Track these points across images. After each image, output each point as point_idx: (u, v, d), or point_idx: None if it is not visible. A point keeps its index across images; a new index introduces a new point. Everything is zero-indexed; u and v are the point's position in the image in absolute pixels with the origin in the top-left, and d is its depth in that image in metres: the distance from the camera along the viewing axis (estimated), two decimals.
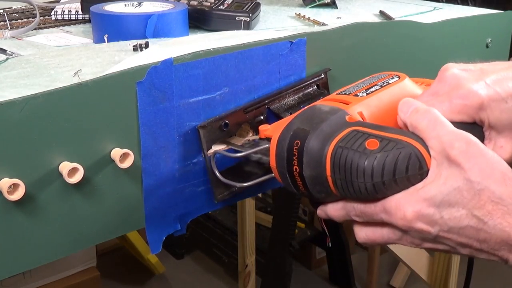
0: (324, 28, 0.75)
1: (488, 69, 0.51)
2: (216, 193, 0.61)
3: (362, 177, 0.45)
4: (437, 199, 0.44)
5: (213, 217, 2.10)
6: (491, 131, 0.49)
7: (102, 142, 0.54)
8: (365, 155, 0.45)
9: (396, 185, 0.45)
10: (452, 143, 0.45)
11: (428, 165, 0.46)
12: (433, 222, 0.45)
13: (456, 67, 0.52)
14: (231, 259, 1.98)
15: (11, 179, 0.48)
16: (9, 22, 0.85)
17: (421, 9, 0.99)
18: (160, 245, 0.61)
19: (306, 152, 0.48)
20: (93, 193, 0.54)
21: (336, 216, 0.51)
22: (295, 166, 0.49)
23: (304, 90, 0.68)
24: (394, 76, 0.57)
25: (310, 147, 0.48)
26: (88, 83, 0.52)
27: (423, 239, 0.47)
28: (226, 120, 0.61)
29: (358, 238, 0.51)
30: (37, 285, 1.62)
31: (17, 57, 0.67)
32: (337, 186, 0.47)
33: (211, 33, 0.75)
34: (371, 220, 0.48)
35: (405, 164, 0.45)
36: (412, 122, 0.48)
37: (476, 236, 0.44)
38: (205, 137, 0.59)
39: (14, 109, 0.48)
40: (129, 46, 0.66)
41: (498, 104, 0.48)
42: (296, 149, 0.49)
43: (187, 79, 0.58)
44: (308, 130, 0.49)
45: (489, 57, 0.97)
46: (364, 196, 0.47)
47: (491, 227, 0.43)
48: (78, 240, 0.55)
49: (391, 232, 0.48)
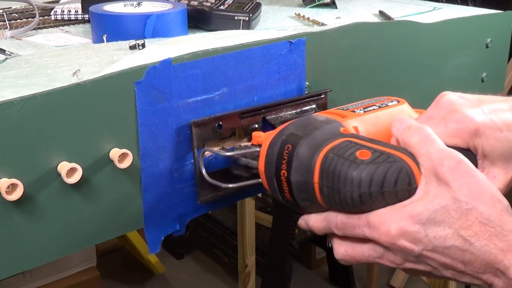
0: (323, 28, 0.75)
1: (485, 99, 0.50)
2: (200, 194, 0.60)
3: (349, 186, 0.45)
4: (423, 216, 0.43)
5: (213, 217, 2.10)
6: (484, 160, 0.48)
7: (101, 142, 0.54)
8: (355, 164, 0.45)
9: (383, 199, 0.45)
10: (441, 161, 0.44)
11: (418, 182, 0.45)
12: (417, 240, 0.44)
13: (453, 94, 0.51)
14: (231, 259, 1.98)
15: (9, 179, 0.48)
16: (9, 22, 0.85)
17: (420, 9, 0.99)
18: (158, 245, 0.61)
19: (296, 156, 0.48)
20: (92, 193, 0.54)
21: (317, 227, 0.50)
22: (283, 170, 0.49)
23: (302, 106, 0.67)
24: (393, 100, 0.57)
25: (300, 152, 0.48)
26: (87, 83, 0.52)
27: (405, 258, 0.46)
28: (221, 121, 0.60)
29: (337, 254, 0.50)
30: (37, 285, 1.62)
31: (16, 57, 0.67)
32: (323, 194, 0.47)
33: (210, 32, 0.75)
34: (352, 234, 0.47)
35: (395, 178, 0.44)
36: (404, 138, 0.48)
37: (461, 257, 0.43)
38: (197, 134, 0.58)
39: (13, 109, 0.48)
40: (128, 46, 0.66)
41: (493, 133, 0.48)
42: (286, 153, 0.49)
43: (186, 79, 0.58)
44: (301, 136, 0.49)
45: (489, 57, 0.97)
46: (349, 207, 0.46)
47: (477, 249, 0.42)
48: (77, 240, 0.55)
49: (372, 249, 0.47)
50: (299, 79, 0.68)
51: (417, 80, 0.87)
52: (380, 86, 0.82)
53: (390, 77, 0.83)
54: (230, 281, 2.00)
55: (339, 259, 0.50)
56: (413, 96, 0.88)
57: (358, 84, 0.78)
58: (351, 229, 0.47)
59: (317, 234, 0.51)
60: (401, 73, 0.84)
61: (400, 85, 0.85)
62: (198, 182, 0.59)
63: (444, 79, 0.91)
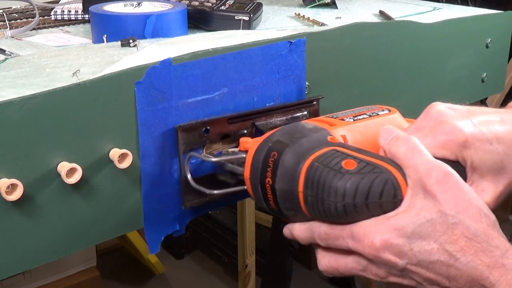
0: (323, 28, 0.75)
1: (476, 110, 0.49)
2: (185, 199, 0.59)
3: (333, 196, 0.44)
4: (408, 229, 0.43)
5: (213, 217, 2.10)
6: (473, 173, 0.47)
7: (101, 143, 0.54)
8: (340, 174, 0.44)
9: (367, 210, 0.44)
10: (429, 173, 0.44)
11: (403, 195, 0.44)
12: (402, 253, 0.43)
13: (443, 105, 0.50)
14: (231, 259, 1.98)
15: (9, 179, 0.48)
16: (9, 22, 0.85)
17: (421, 9, 0.99)
18: (158, 245, 0.61)
19: (281, 164, 0.47)
20: (92, 194, 0.54)
21: (300, 237, 0.49)
22: (268, 178, 0.48)
23: (293, 113, 0.66)
24: (384, 109, 0.57)
25: (286, 160, 0.47)
26: (87, 83, 0.52)
27: (389, 272, 0.45)
28: (208, 126, 0.59)
29: (320, 265, 0.49)
30: (37, 285, 1.62)
31: (16, 57, 0.67)
32: (307, 203, 0.46)
33: (210, 32, 0.75)
34: (335, 245, 0.46)
35: (380, 189, 0.44)
36: (390, 149, 0.47)
37: (446, 273, 0.42)
38: (183, 138, 0.57)
39: (13, 109, 0.48)
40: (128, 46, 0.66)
41: (482, 144, 0.47)
42: (272, 161, 0.48)
43: (186, 79, 0.58)
44: (287, 144, 0.48)
45: (489, 57, 0.97)
46: (333, 218, 0.45)
47: (462, 264, 0.42)
48: (77, 240, 0.55)
49: (356, 261, 0.46)
50: (299, 79, 0.68)
51: (417, 80, 0.87)
52: (380, 86, 0.82)
53: (390, 77, 0.83)
54: (230, 281, 2.00)
55: (322, 270, 0.49)
56: (413, 96, 0.88)
57: (358, 84, 0.78)
58: (334, 240, 0.46)
59: (301, 243, 0.50)
60: (401, 73, 0.84)
61: (400, 85, 0.85)
62: (183, 187, 0.58)
63: (444, 79, 0.91)
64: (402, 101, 0.87)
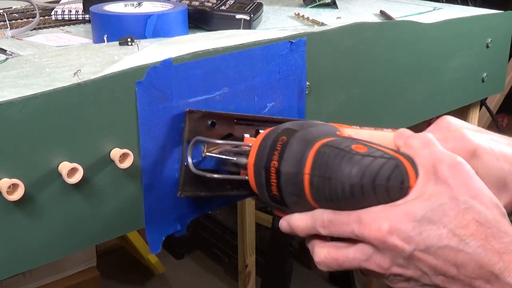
0: (324, 28, 0.75)
1: (484, 131, 0.51)
2: (182, 187, 0.57)
3: (341, 175, 0.44)
4: (418, 214, 0.42)
5: (213, 217, 2.10)
6: None
7: (102, 142, 0.54)
8: (350, 154, 0.44)
9: (374, 194, 0.44)
10: (441, 160, 0.44)
11: (411, 183, 0.44)
12: (410, 238, 0.42)
13: (453, 118, 0.51)
14: (231, 259, 1.98)
15: (10, 179, 0.48)
16: (9, 22, 0.85)
17: (421, 9, 0.99)
18: (159, 245, 0.61)
19: (289, 147, 0.48)
20: (93, 193, 0.54)
21: (300, 226, 0.48)
22: (274, 161, 0.48)
23: None
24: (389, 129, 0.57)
25: (295, 143, 0.48)
26: (88, 83, 0.52)
27: (394, 260, 0.44)
28: (216, 118, 0.58)
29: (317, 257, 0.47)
30: (37, 285, 1.62)
31: (17, 57, 0.67)
32: (312, 186, 0.46)
33: (211, 32, 0.75)
34: (339, 232, 0.46)
35: (388, 173, 0.44)
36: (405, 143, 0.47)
37: (454, 259, 0.42)
38: (190, 125, 0.57)
39: (14, 109, 0.48)
40: (128, 46, 0.66)
41: (490, 158, 0.47)
42: (280, 144, 0.48)
43: (187, 79, 0.58)
44: (297, 130, 0.49)
45: (490, 57, 0.97)
46: (338, 201, 0.45)
47: (472, 249, 0.41)
48: (77, 240, 0.55)
49: (359, 251, 0.45)
50: (299, 79, 0.68)
51: (417, 80, 0.87)
52: (381, 86, 0.82)
53: (391, 77, 0.83)
54: (230, 281, 2.00)
55: (318, 262, 0.48)
56: (413, 96, 0.88)
57: (359, 84, 0.78)
58: (339, 226, 0.45)
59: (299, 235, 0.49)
60: (401, 72, 0.84)
61: (401, 85, 0.85)
62: (182, 174, 0.57)
63: (444, 79, 0.91)
64: (403, 100, 0.87)
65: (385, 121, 0.84)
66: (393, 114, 0.85)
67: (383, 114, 0.84)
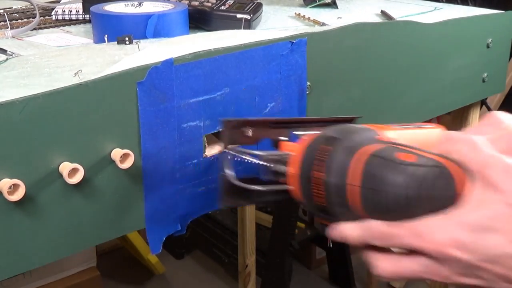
0: (324, 28, 0.75)
1: None
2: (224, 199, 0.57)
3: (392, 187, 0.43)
4: (474, 224, 0.41)
5: (213, 217, 2.10)
6: None
7: (103, 143, 0.54)
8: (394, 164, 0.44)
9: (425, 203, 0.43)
10: (491, 165, 0.42)
11: (460, 190, 0.43)
12: (468, 248, 0.41)
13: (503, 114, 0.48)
14: (231, 259, 1.97)
15: (11, 179, 0.48)
16: (9, 22, 0.85)
17: (422, 9, 0.99)
18: (160, 245, 0.61)
19: (335, 158, 0.47)
20: (94, 194, 0.54)
21: (352, 236, 0.47)
22: (320, 172, 0.48)
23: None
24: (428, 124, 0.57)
25: (340, 153, 0.47)
26: (88, 83, 0.52)
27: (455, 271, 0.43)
28: (252, 125, 0.57)
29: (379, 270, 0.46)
30: (37, 285, 1.62)
31: (17, 57, 0.67)
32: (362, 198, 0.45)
33: (211, 32, 0.75)
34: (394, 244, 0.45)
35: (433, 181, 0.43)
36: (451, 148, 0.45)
37: None
38: (226, 133, 0.56)
39: (14, 109, 0.48)
40: (129, 47, 0.66)
41: None
42: (325, 155, 0.48)
43: (188, 80, 0.58)
44: (340, 139, 0.48)
45: (490, 57, 0.97)
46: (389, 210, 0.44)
47: None
48: (78, 240, 0.55)
49: (417, 262, 0.44)
50: (300, 79, 0.68)
51: (418, 80, 0.87)
52: (382, 86, 0.82)
53: (392, 76, 0.83)
54: (230, 281, 2.00)
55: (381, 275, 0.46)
56: (414, 95, 0.88)
57: (360, 84, 0.78)
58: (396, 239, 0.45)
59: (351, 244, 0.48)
60: (402, 72, 0.84)
61: (401, 85, 0.85)
62: (224, 185, 0.56)
63: (445, 79, 0.91)
64: (404, 100, 0.87)
65: (386, 121, 0.84)
66: (394, 113, 0.85)
67: (384, 114, 0.84)
